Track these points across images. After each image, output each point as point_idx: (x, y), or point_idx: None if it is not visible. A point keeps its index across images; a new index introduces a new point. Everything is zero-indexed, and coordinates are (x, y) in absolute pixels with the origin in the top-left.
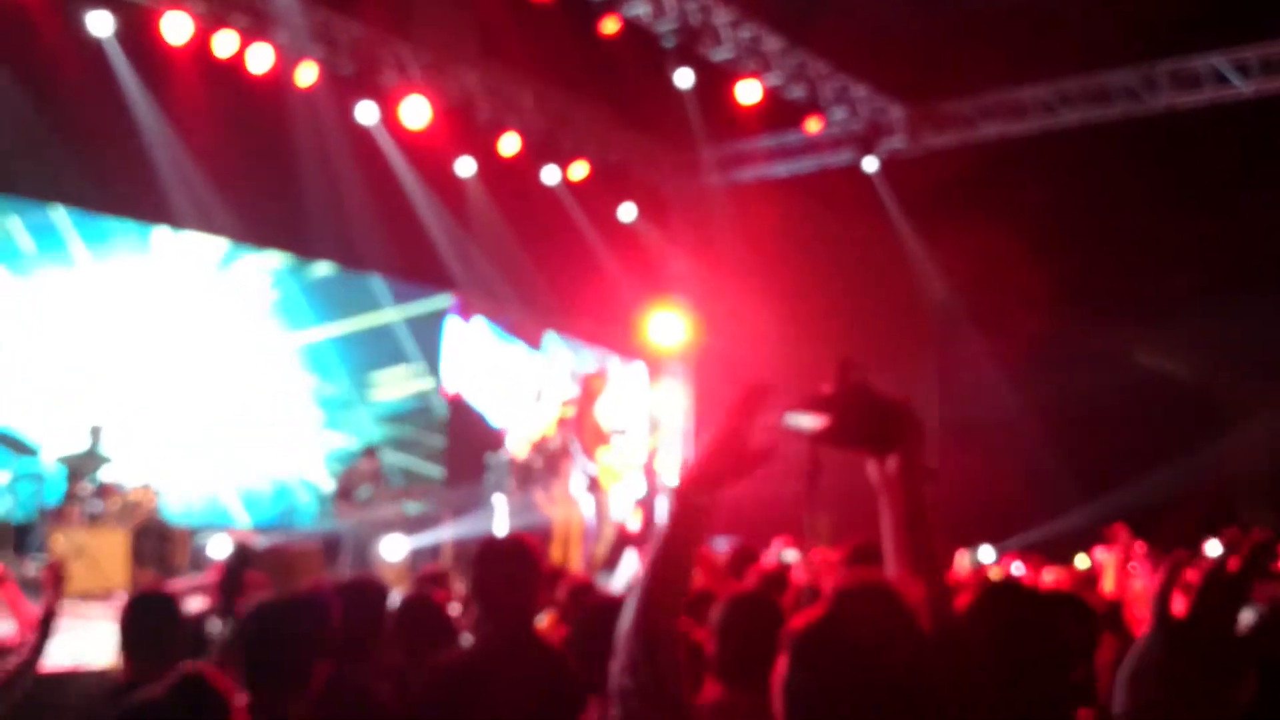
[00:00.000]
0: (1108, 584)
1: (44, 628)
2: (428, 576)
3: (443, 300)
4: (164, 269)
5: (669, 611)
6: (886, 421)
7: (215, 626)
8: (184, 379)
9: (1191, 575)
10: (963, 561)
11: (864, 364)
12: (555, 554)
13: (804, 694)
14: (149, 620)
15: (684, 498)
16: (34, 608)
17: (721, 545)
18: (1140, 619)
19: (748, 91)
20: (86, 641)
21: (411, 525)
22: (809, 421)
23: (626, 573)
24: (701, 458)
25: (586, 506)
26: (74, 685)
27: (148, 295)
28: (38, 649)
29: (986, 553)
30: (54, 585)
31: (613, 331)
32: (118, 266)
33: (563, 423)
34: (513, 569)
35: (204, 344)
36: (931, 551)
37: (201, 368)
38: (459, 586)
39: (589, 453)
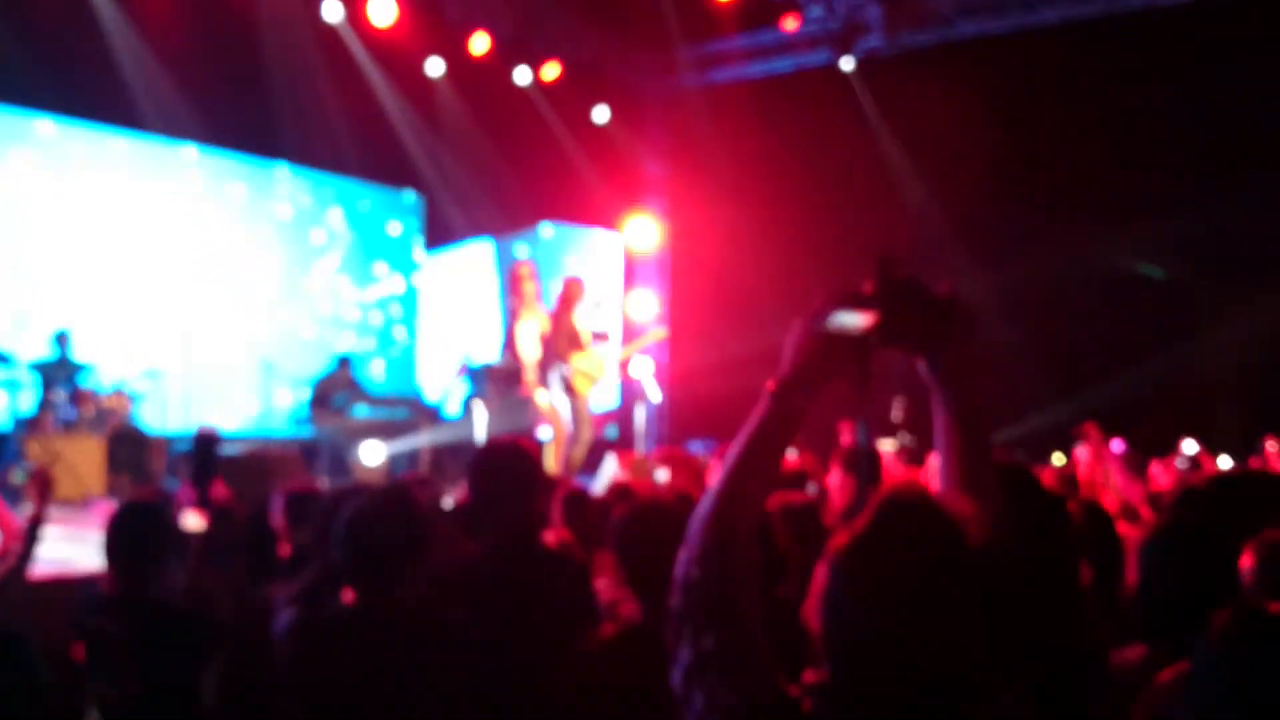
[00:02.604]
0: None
1: (30, 535)
2: (413, 482)
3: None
4: (133, 170)
5: (748, 508)
6: (939, 317)
7: (192, 520)
8: (158, 282)
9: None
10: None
11: (904, 258)
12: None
13: (844, 608)
14: (138, 530)
15: (779, 397)
16: (16, 517)
17: (698, 448)
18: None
19: None
20: (67, 549)
21: (388, 431)
22: (856, 320)
23: (606, 477)
24: (796, 357)
25: (564, 410)
26: (58, 594)
27: (117, 197)
28: (25, 556)
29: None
30: (40, 492)
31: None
32: (86, 169)
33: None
34: (515, 473)
35: (178, 246)
36: (986, 452)
37: (176, 270)
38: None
39: (563, 356)
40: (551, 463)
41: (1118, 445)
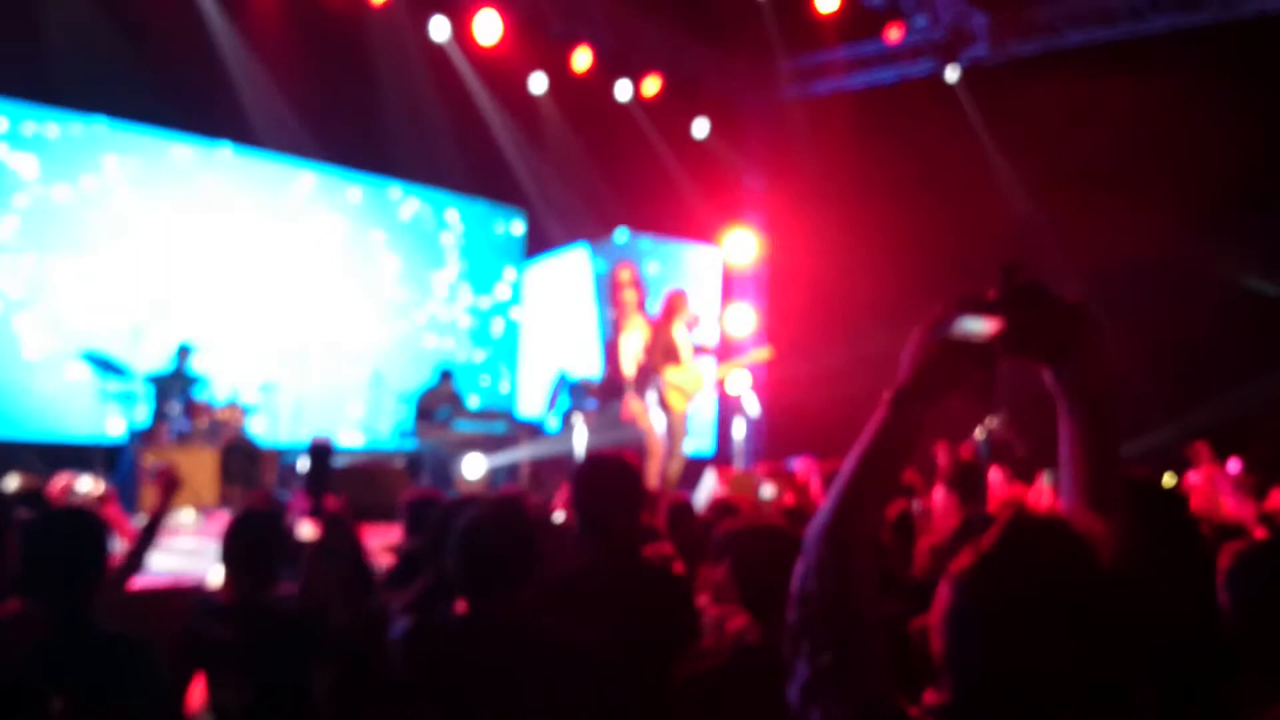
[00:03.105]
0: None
1: (148, 533)
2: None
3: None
4: (245, 185)
5: (866, 519)
6: (1065, 325)
7: (306, 529)
8: (273, 298)
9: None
10: (1044, 482)
11: (1030, 265)
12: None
13: (968, 627)
14: (255, 537)
15: (898, 405)
16: (136, 526)
17: (794, 465)
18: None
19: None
20: (182, 558)
21: (489, 445)
22: (980, 327)
23: (705, 492)
24: (916, 365)
25: (659, 424)
26: (172, 602)
27: (229, 211)
28: (138, 554)
29: None
30: (166, 489)
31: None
32: (197, 183)
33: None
34: (618, 487)
35: (290, 260)
36: (1115, 466)
37: (290, 287)
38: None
39: (658, 369)
40: (648, 477)
41: (1233, 465)
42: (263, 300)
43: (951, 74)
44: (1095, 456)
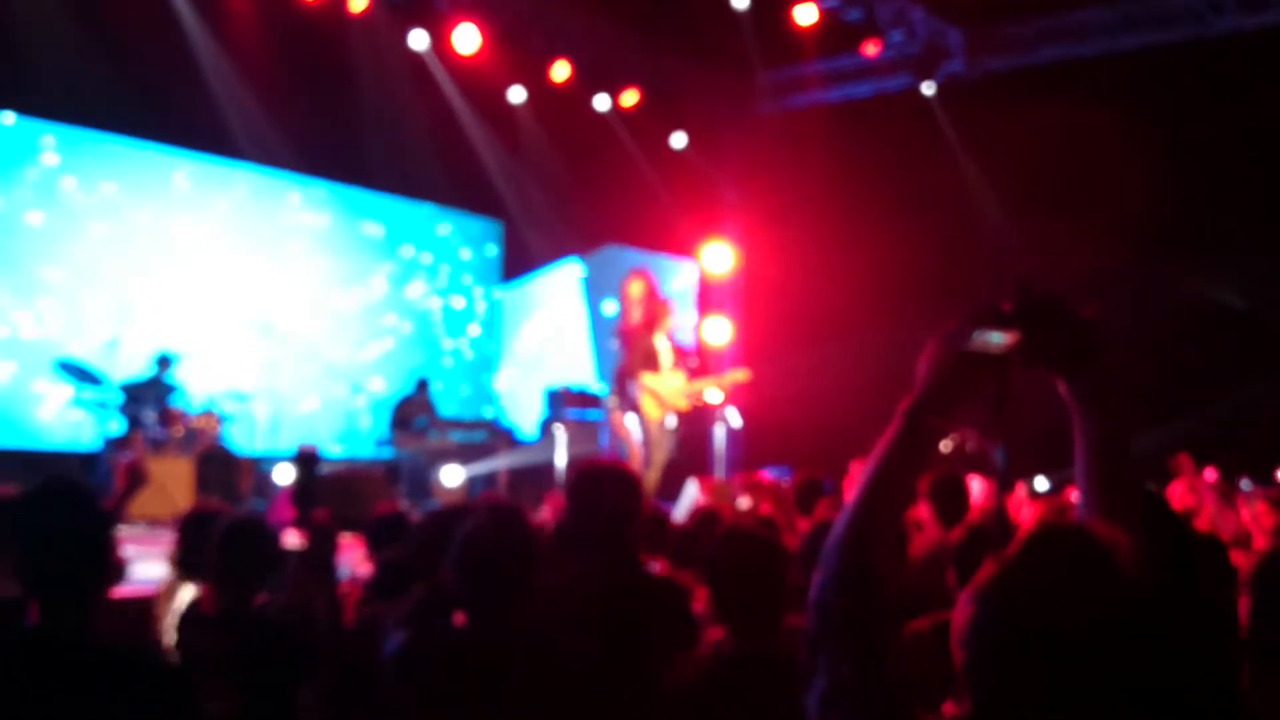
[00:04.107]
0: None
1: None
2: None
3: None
4: (231, 197)
5: (884, 531)
6: (1080, 337)
7: (291, 540)
8: (250, 306)
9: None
10: (1019, 493)
11: (1041, 276)
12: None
13: (990, 640)
14: (243, 547)
15: (913, 417)
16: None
17: (771, 474)
18: None
19: (804, 14)
20: (159, 568)
21: (467, 454)
22: (997, 339)
23: (687, 501)
24: (932, 376)
25: (635, 430)
26: (150, 611)
27: (215, 224)
28: None
29: (1041, 482)
30: (129, 481)
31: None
32: (187, 196)
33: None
34: (617, 495)
35: (269, 271)
36: (1129, 478)
37: (267, 295)
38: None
39: (635, 375)
40: None
41: (1209, 475)
42: (239, 307)
43: (927, 89)
44: (1108, 469)
